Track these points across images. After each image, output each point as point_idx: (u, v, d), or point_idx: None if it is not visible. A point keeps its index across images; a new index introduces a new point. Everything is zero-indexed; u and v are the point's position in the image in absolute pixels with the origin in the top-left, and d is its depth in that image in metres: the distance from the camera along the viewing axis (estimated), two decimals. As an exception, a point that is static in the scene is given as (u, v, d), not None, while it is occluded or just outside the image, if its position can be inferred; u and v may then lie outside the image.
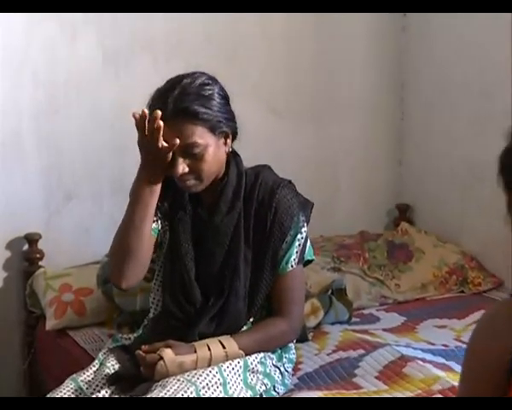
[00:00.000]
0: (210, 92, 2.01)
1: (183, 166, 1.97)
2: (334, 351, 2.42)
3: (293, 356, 2.22)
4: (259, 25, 3.29)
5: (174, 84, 1.99)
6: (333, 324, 2.66)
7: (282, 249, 2.09)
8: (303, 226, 2.12)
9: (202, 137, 1.98)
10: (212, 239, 2.09)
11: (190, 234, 2.10)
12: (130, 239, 1.99)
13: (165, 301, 2.13)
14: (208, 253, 2.09)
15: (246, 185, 2.11)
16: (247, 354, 2.04)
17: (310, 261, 2.20)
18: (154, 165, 1.94)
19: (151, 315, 2.19)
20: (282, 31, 3.39)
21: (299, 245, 2.11)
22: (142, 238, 2.00)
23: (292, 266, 2.10)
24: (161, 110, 1.89)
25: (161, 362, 1.93)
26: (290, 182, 2.16)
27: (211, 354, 1.98)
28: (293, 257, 2.10)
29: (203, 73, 2.04)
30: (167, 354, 1.94)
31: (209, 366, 1.97)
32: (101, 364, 2.07)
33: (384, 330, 2.66)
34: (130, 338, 2.17)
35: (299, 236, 2.11)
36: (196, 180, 2.01)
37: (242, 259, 2.07)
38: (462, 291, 3.15)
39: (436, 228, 3.44)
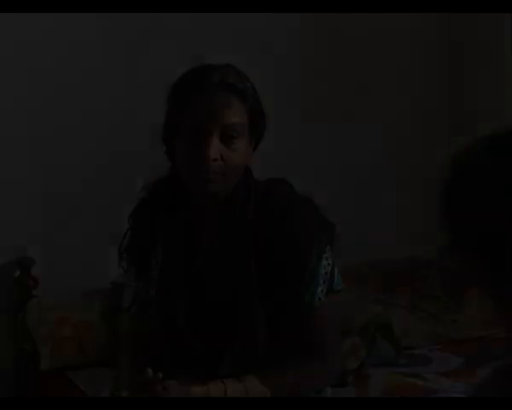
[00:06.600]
0: (253, 88, 2.02)
1: (215, 152, 1.93)
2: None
3: (328, 398, 2.20)
4: (288, 17, 3.29)
5: (214, 65, 2.00)
6: (377, 365, 2.66)
7: (305, 283, 2.03)
8: (327, 251, 2.04)
9: (243, 122, 1.96)
10: (214, 268, 2.02)
11: (182, 270, 2.04)
12: None
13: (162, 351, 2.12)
14: (209, 284, 2.02)
15: (255, 203, 2.03)
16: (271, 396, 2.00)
17: (338, 291, 2.15)
18: None
19: None
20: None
21: (326, 273, 2.04)
22: None
23: (319, 298, 2.06)
24: (200, 83, 1.90)
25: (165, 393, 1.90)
26: (309, 200, 2.07)
27: (225, 388, 1.94)
28: (320, 289, 2.04)
29: None
30: (172, 384, 1.91)
31: None
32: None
33: (438, 373, 2.65)
34: None
35: (324, 262, 2.03)
36: (222, 175, 1.98)
37: (255, 292, 1.99)
38: (532, 328, 3.12)
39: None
